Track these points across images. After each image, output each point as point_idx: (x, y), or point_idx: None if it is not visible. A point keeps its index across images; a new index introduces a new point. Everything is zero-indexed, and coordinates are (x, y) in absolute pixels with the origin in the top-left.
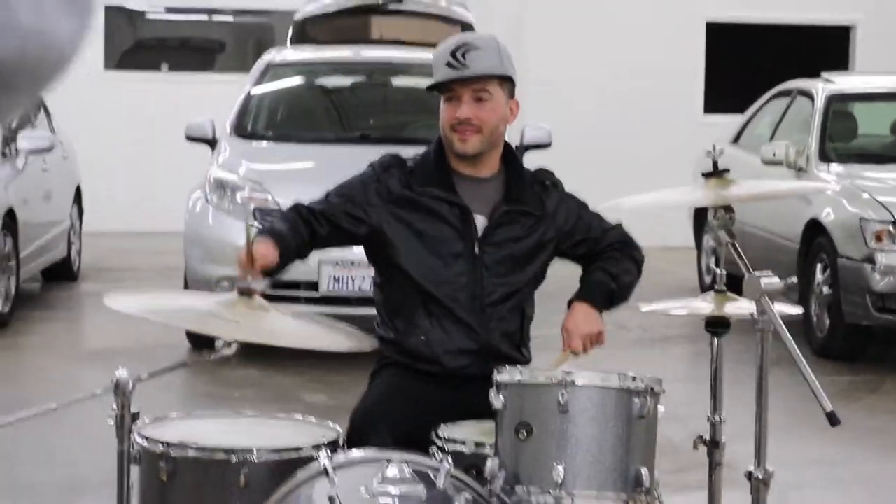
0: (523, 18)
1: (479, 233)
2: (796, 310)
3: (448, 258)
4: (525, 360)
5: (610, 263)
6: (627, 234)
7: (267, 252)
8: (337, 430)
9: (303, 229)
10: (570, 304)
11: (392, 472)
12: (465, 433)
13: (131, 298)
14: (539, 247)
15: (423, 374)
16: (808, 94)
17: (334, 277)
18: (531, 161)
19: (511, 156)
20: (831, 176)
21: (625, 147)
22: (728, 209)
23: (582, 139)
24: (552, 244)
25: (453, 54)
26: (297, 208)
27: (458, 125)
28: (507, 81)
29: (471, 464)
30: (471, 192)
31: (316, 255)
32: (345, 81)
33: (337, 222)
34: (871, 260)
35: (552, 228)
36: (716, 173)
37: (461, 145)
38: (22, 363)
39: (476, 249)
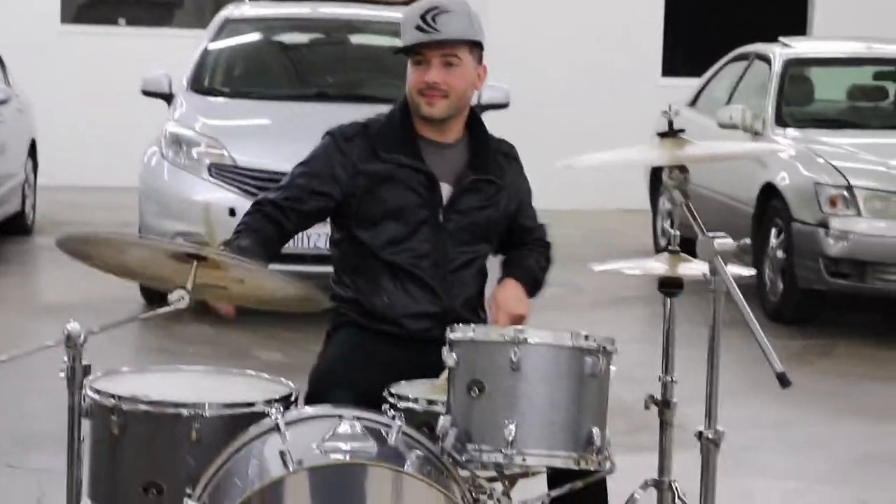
0: None
1: (444, 201)
2: (749, 271)
3: (412, 225)
4: (482, 322)
5: (538, 256)
6: (547, 235)
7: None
8: (290, 386)
9: (272, 233)
10: (500, 279)
11: (344, 428)
12: (417, 391)
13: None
14: (500, 215)
15: (383, 335)
16: (765, 59)
17: None
18: (488, 120)
19: (476, 121)
20: (787, 140)
21: (583, 109)
22: (683, 169)
23: (541, 101)
24: (511, 212)
25: (423, 17)
26: (260, 207)
27: (426, 89)
28: (477, 47)
29: (423, 421)
30: (436, 159)
31: None
32: (303, 38)
33: (304, 208)
34: (825, 224)
35: (514, 199)
36: (671, 133)
37: (428, 109)
38: None
39: (440, 217)
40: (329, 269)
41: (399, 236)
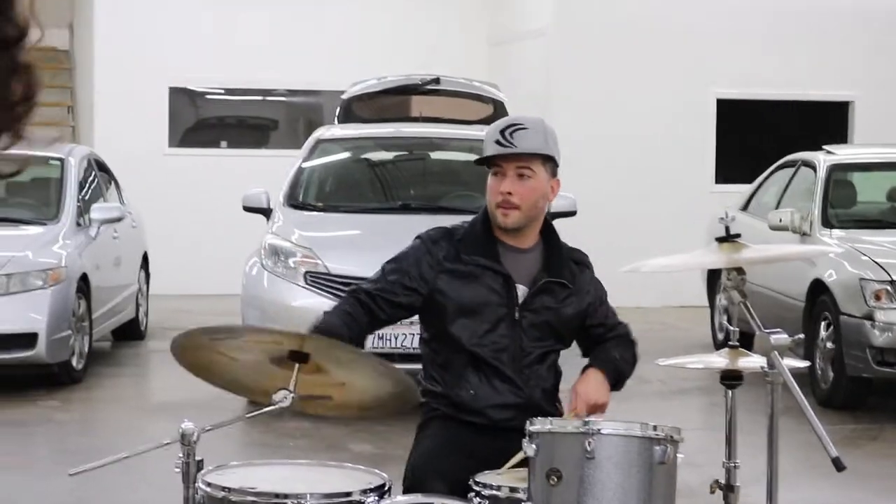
0: (549, 96)
1: (520, 300)
2: (803, 364)
3: (492, 322)
4: (559, 413)
5: (623, 350)
6: (632, 334)
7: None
8: (384, 476)
9: (362, 318)
10: (584, 369)
11: None
12: (500, 479)
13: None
14: (571, 316)
15: (469, 425)
16: (810, 165)
17: (378, 335)
18: (557, 227)
19: (550, 230)
20: (833, 240)
21: (642, 214)
22: (740, 271)
23: (603, 207)
24: (582, 316)
25: (502, 133)
26: (356, 294)
27: (501, 202)
28: (550, 161)
29: None
30: (513, 262)
31: None
32: (387, 155)
33: (395, 300)
34: (870, 317)
35: (584, 303)
36: (728, 238)
37: (503, 220)
38: (94, 415)
39: (516, 315)
40: (416, 366)
41: (480, 331)
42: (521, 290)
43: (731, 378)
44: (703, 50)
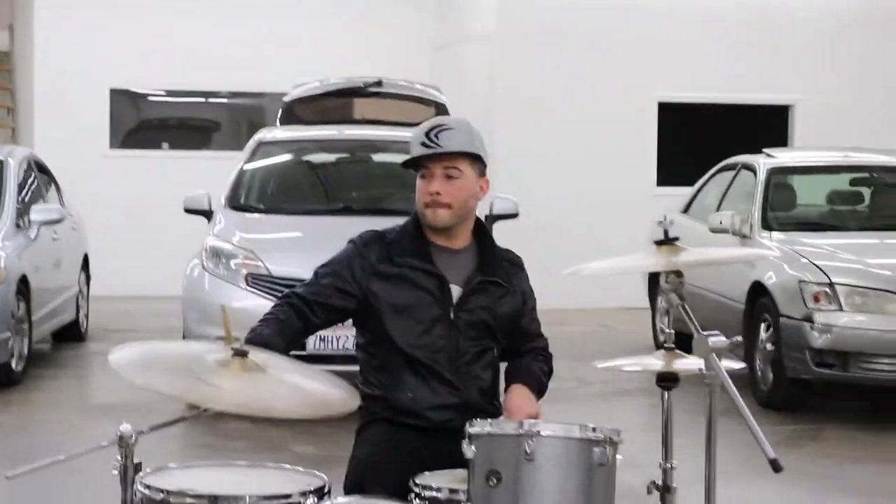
0: (492, 100)
1: (455, 300)
2: (740, 366)
3: (427, 323)
4: (498, 412)
5: (541, 364)
6: (549, 351)
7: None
8: (323, 478)
9: (296, 324)
10: (508, 385)
11: None
12: (440, 481)
13: (132, 353)
14: (506, 314)
15: (409, 428)
16: (751, 168)
17: (320, 337)
18: (500, 229)
19: (482, 230)
20: (773, 242)
21: (585, 217)
22: (678, 274)
23: (545, 210)
24: (517, 314)
25: (427, 134)
26: (289, 301)
27: (430, 201)
28: (478, 161)
29: None
30: (446, 263)
31: None
32: (329, 158)
33: (329, 303)
34: (809, 319)
35: (518, 303)
36: (666, 241)
37: (433, 218)
38: (34, 417)
39: (452, 315)
40: (356, 368)
41: (416, 333)
42: (456, 291)
43: (667, 380)
44: (644, 54)
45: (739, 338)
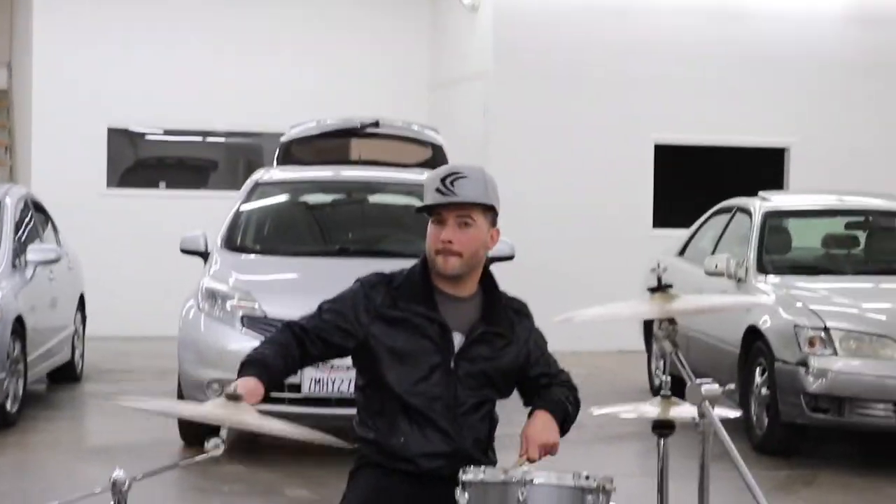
0: (488, 141)
1: (456, 348)
2: (734, 413)
3: (426, 370)
4: (492, 462)
5: (566, 392)
6: (573, 380)
7: (253, 390)
8: None
9: (294, 351)
10: (531, 412)
11: None
12: None
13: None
14: (508, 366)
15: (400, 474)
16: (746, 211)
17: (316, 379)
18: (496, 273)
19: (489, 279)
20: (768, 286)
21: (580, 258)
22: (672, 321)
23: (541, 252)
24: (519, 366)
25: (443, 181)
26: (290, 328)
27: (441, 249)
28: (490, 210)
29: None
30: (450, 310)
31: None
32: (326, 199)
33: (328, 338)
34: (804, 364)
35: (522, 353)
36: (660, 288)
37: (443, 266)
38: (28, 460)
39: (452, 364)
40: (350, 411)
41: (414, 379)
42: (458, 339)
43: (663, 427)
44: (641, 95)
45: (732, 385)
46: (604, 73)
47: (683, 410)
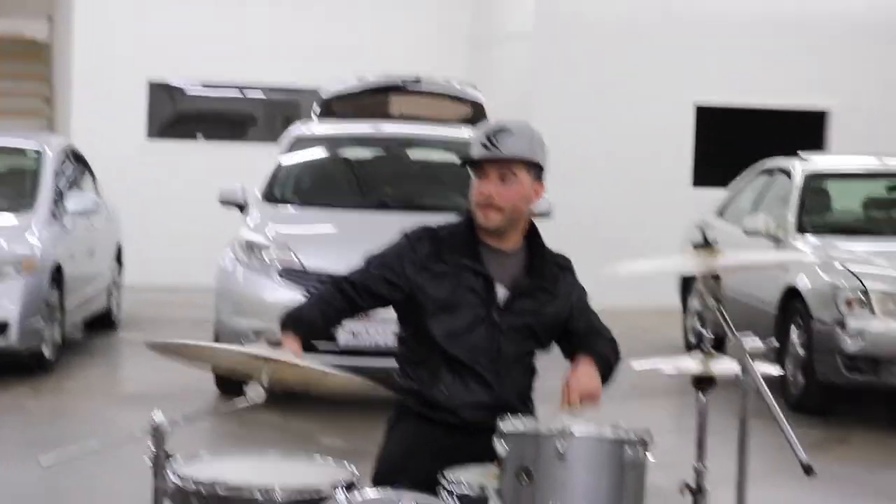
0: (530, 99)
1: (500, 301)
2: (776, 369)
3: (470, 322)
4: (531, 413)
5: (610, 345)
6: (614, 337)
7: (295, 349)
8: (353, 471)
9: (339, 303)
10: (573, 362)
11: None
12: (470, 476)
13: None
14: (551, 320)
15: (441, 424)
16: (786, 172)
17: (352, 332)
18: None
19: (534, 233)
20: (807, 247)
21: (620, 216)
22: (716, 277)
23: (582, 207)
24: (562, 320)
25: (488, 136)
26: (338, 283)
27: (483, 202)
28: (535, 166)
29: None
30: (495, 263)
31: None
32: (365, 153)
33: (376, 291)
34: (842, 324)
35: (565, 308)
36: (706, 245)
37: (484, 220)
38: (66, 405)
39: (495, 316)
40: (388, 363)
41: (458, 331)
42: (502, 292)
43: (703, 382)
44: (682, 57)
45: (774, 340)
46: (647, 32)
47: (724, 366)
